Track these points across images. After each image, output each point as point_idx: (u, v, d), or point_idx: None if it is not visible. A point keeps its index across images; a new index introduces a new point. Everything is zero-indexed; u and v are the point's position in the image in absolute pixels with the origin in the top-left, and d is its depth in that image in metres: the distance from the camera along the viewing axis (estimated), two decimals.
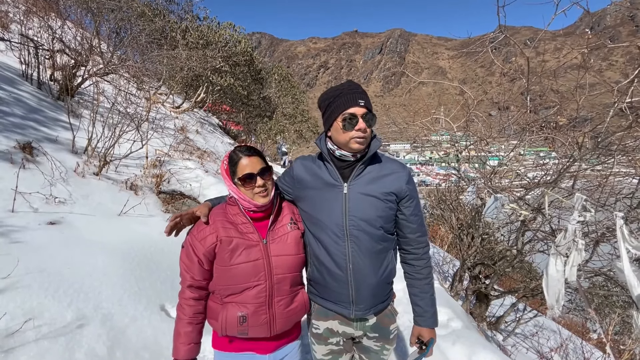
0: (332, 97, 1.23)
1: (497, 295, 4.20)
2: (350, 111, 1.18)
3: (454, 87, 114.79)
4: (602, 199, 3.02)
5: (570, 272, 2.11)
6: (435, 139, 5.73)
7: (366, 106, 1.19)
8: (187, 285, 1.23)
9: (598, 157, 3.15)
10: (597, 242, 3.09)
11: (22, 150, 3.31)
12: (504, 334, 4.21)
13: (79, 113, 4.77)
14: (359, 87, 1.24)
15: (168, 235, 1.22)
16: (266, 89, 13.51)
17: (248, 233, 1.22)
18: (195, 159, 5.49)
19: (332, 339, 1.36)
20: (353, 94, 1.20)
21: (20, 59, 4.81)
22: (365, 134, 1.18)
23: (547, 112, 4.16)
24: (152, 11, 8.13)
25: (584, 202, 2.13)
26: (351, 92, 1.20)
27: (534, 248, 3.85)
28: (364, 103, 1.19)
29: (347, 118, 1.17)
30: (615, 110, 2.61)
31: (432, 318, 1.36)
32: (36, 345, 1.54)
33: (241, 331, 1.21)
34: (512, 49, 28.49)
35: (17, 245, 2.18)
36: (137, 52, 6.92)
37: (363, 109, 1.18)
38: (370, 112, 1.20)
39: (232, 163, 1.21)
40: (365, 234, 1.23)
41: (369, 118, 1.19)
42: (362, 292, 1.26)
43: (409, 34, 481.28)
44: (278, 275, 1.23)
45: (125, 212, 3.38)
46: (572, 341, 4.60)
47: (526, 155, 4.80)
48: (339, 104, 1.20)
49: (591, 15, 2.89)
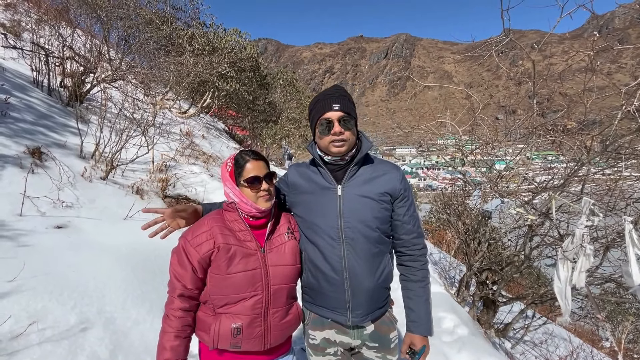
0: (312, 104, 1.26)
1: (504, 301, 4.13)
2: (326, 116, 1.19)
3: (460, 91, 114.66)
4: (611, 203, 2.96)
5: (578, 278, 2.06)
6: (441, 143, 5.69)
7: (342, 110, 1.19)
8: (178, 295, 1.15)
9: (607, 160, 3.09)
10: (608, 247, 3.02)
11: (31, 155, 3.37)
12: (512, 341, 4.12)
13: (87, 119, 4.86)
14: (336, 92, 1.25)
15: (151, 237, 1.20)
16: (271, 94, 13.61)
17: (246, 241, 1.19)
18: (200, 164, 5.54)
19: (329, 349, 1.33)
20: (328, 99, 1.21)
21: (32, 66, 4.93)
22: (342, 136, 1.18)
23: (555, 116, 4.11)
24: (160, 19, 8.28)
25: (592, 207, 2.08)
26: (327, 98, 1.22)
27: (542, 253, 3.79)
28: (339, 107, 1.19)
29: (323, 123, 1.20)
30: (624, 113, 2.57)
31: (426, 325, 1.27)
32: (39, 348, 1.55)
33: (234, 344, 1.15)
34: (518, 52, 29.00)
35: (24, 249, 2.22)
36: (144, 58, 7.04)
37: (338, 112, 1.19)
38: (348, 114, 1.20)
39: (237, 165, 1.19)
40: (361, 236, 1.22)
41: (344, 122, 1.19)
42: (358, 297, 1.23)
43: (414, 38, 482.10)
44: (275, 285, 1.19)
45: (131, 216, 3.41)
46: (583, 349, 4.49)
47: (534, 159, 4.74)
48: (316, 111, 1.23)
49: (598, 18, 2.86)
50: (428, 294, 1.31)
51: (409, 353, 1.29)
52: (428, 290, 1.31)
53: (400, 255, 1.34)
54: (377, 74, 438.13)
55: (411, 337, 1.28)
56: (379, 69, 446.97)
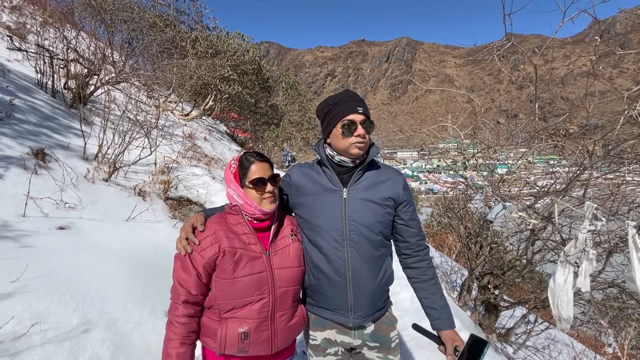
0: (331, 105, 1.27)
1: (506, 306, 4.10)
2: (349, 118, 1.21)
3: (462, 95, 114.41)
4: (614, 208, 2.95)
5: (583, 283, 2.05)
6: (442, 147, 5.70)
7: (364, 113, 1.22)
8: (182, 301, 1.13)
9: (609, 165, 3.09)
10: (610, 252, 3.01)
11: (35, 157, 3.39)
12: (514, 346, 4.10)
13: (90, 120, 4.88)
14: (356, 96, 1.28)
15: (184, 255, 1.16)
16: (273, 96, 13.66)
17: (251, 244, 1.18)
18: (202, 166, 5.55)
19: (330, 349, 1.34)
20: (351, 102, 1.23)
21: (36, 68, 4.97)
22: (364, 139, 1.21)
23: (557, 120, 4.11)
24: (164, 22, 8.34)
25: (594, 211, 2.08)
26: (349, 100, 1.24)
27: (545, 258, 3.77)
28: (362, 110, 1.22)
29: (346, 124, 1.21)
30: (626, 118, 2.57)
31: (450, 318, 1.29)
32: (42, 349, 1.55)
33: (241, 349, 1.13)
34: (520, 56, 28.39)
35: (27, 250, 2.22)
36: (148, 61, 7.09)
37: (361, 116, 1.22)
38: (368, 119, 1.23)
39: (242, 167, 1.19)
40: (365, 240, 1.23)
41: (367, 125, 1.22)
42: (360, 298, 1.25)
43: (415, 42, 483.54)
44: (281, 288, 1.19)
45: (133, 218, 3.42)
46: (586, 355, 4.45)
47: (536, 164, 4.73)
48: (338, 112, 1.23)
49: (600, 23, 2.87)
50: (441, 289, 1.34)
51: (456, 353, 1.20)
52: (440, 285, 1.34)
53: (407, 258, 1.36)
54: (378, 77, 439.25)
55: (450, 334, 1.25)
56: (380, 72, 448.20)
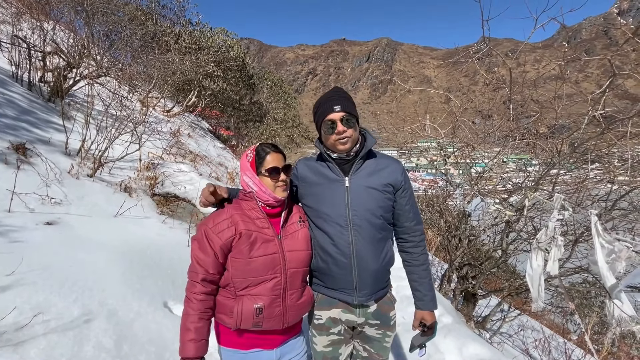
0: (316, 107, 1.39)
1: (483, 294, 4.37)
2: (329, 118, 1.31)
3: (439, 96, 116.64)
4: (579, 200, 3.24)
5: (553, 267, 2.27)
6: (422, 145, 5.93)
7: (343, 110, 1.31)
8: (200, 279, 1.20)
9: (575, 162, 3.38)
10: (577, 241, 3.30)
11: (15, 151, 3.29)
12: (490, 332, 4.37)
13: (70, 115, 4.74)
14: (336, 94, 1.37)
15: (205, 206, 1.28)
16: (257, 94, 13.58)
17: (264, 228, 1.28)
18: (188, 162, 5.51)
19: (334, 328, 1.44)
20: (330, 102, 1.33)
21: (10, 60, 4.76)
22: (345, 134, 1.30)
23: (527, 120, 4.41)
24: (145, 15, 8.13)
25: (562, 202, 2.31)
26: (328, 101, 1.34)
27: (518, 248, 4.05)
28: (340, 107, 1.31)
29: (327, 124, 1.32)
30: (590, 119, 2.83)
31: (432, 301, 1.45)
32: (45, 339, 1.57)
33: (256, 323, 1.23)
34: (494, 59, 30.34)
35: (17, 245, 2.19)
36: (129, 55, 6.90)
37: (339, 113, 1.30)
38: (349, 113, 1.31)
39: (259, 156, 1.29)
40: (367, 223, 1.34)
41: (346, 120, 1.31)
42: (364, 278, 1.36)
43: (395, 42, 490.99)
44: (291, 269, 1.29)
45: (121, 214, 3.39)
46: (555, 339, 4.81)
47: (510, 163, 5.04)
48: (319, 114, 1.36)
49: (567, 30, 3.13)
50: (430, 275, 1.47)
51: (420, 325, 1.46)
52: (429, 272, 1.48)
53: (403, 242, 1.48)
54: (359, 77, 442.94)
55: (421, 313, 1.45)
56: (361, 72, 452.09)
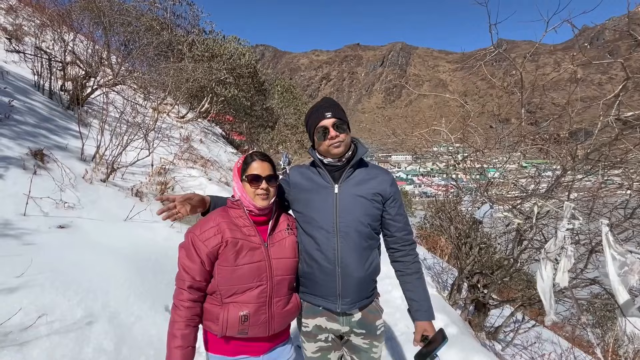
0: (307, 116, 1.44)
1: (495, 304, 4.23)
2: (321, 125, 1.36)
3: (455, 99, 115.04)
4: (596, 209, 3.10)
5: (562, 278, 2.18)
6: (435, 150, 5.84)
7: (334, 116, 1.35)
8: (187, 287, 1.22)
9: (590, 168, 3.25)
10: (592, 251, 3.16)
11: (34, 157, 3.44)
12: (502, 343, 4.22)
13: (87, 122, 4.93)
14: (326, 103, 1.42)
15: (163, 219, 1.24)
16: (269, 100, 13.78)
17: (251, 236, 1.28)
18: (199, 167, 5.62)
19: (320, 335, 1.44)
20: (321, 110, 1.38)
21: (33, 70, 5.01)
22: (337, 139, 1.34)
23: (545, 125, 4.27)
24: (160, 25, 8.42)
25: (572, 211, 2.22)
26: (319, 109, 1.39)
27: (531, 257, 3.91)
28: (331, 114, 1.36)
29: (320, 131, 1.36)
30: (604, 124, 2.72)
31: (429, 310, 1.41)
32: (48, 340, 1.62)
33: (242, 330, 1.24)
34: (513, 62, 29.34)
35: (29, 247, 2.28)
36: (144, 64, 7.15)
37: (331, 119, 1.35)
38: (340, 119, 1.36)
39: (245, 163, 1.32)
40: (353, 231, 1.35)
41: (338, 125, 1.35)
42: (348, 285, 1.36)
43: (410, 47, 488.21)
44: (278, 276, 1.30)
45: (131, 218, 3.48)
46: (572, 352, 4.59)
47: (525, 167, 4.89)
48: (311, 122, 1.41)
49: (589, 30, 3.04)
50: (424, 283, 1.44)
51: (423, 340, 1.35)
52: (423, 280, 1.45)
53: (394, 252, 1.47)
54: (373, 81, 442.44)
55: (422, 325, 1.38)
56: (375, 76, 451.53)
